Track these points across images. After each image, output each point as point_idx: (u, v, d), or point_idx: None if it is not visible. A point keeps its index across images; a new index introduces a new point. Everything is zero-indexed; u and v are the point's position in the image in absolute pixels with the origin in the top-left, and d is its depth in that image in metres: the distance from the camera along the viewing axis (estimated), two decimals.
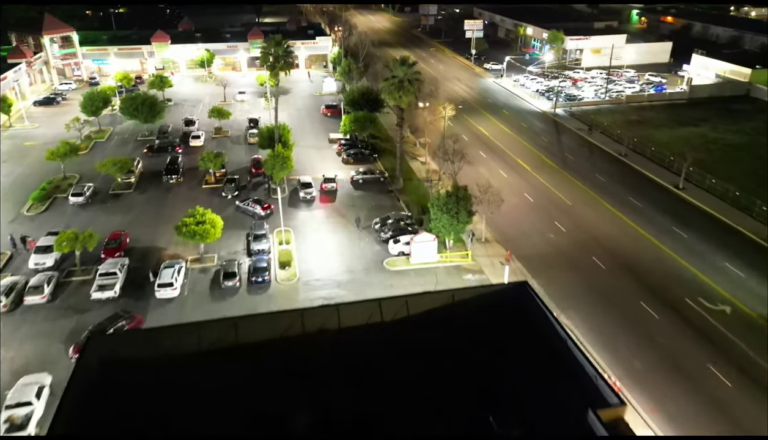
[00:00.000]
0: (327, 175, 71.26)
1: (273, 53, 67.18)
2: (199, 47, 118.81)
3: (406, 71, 63.59)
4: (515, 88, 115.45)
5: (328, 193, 69.33)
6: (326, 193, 69.30)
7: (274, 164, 64.91)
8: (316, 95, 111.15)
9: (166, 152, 77.53)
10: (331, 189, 69.70)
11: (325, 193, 69.21)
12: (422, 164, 78.09)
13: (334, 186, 69.96)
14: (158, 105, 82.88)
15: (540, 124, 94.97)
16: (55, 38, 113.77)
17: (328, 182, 69.94)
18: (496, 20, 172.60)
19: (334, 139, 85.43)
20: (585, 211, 64.66)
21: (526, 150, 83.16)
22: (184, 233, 50.64)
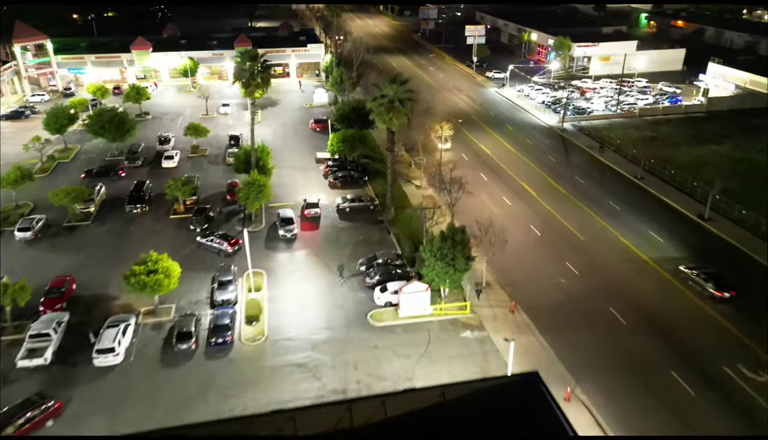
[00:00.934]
0: (309, 200, 64.34)
1: (248, 68, 59.75)
2: (183, 55, 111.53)
3: (397, 90, 56.13)
4: (519, 99, 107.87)
5: (310, 220, 62.58)
6: (308, 220, 62.58)
7: (248, 193, 57.58)
8: (306, 107, 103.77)
9: (106, 176, 69.96)
10: (314, 215, 62.89)
11: (307, 219, 62.51)
12: (417, 188, 70.58)
13: (317, 212, 63.16)
14: (128, 122, 75.52)
15: (546, 140, 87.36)
16: (29, 46, 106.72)
17: (311, 207, 63.16)
18: (499, 25, 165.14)
19: (322, 159, 78.00)
20: (599, 247, 57.05)
21: (531, 172, 75.55)
22: (132, 284, 43.24)
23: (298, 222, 61.01)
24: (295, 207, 64.73)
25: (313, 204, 63.89)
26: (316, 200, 64.87)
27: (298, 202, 65.51)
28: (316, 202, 64.49)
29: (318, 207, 63.74)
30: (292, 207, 64.81)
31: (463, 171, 74.55)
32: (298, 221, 61.15)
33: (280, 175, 73.54)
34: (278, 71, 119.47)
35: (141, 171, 74.10)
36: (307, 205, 63.74)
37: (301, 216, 62.83)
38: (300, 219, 62.35)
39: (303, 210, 63.29)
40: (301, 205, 64.73)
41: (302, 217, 62.69)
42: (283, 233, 57.38)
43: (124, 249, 55.44)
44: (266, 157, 65.45)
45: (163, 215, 62.81)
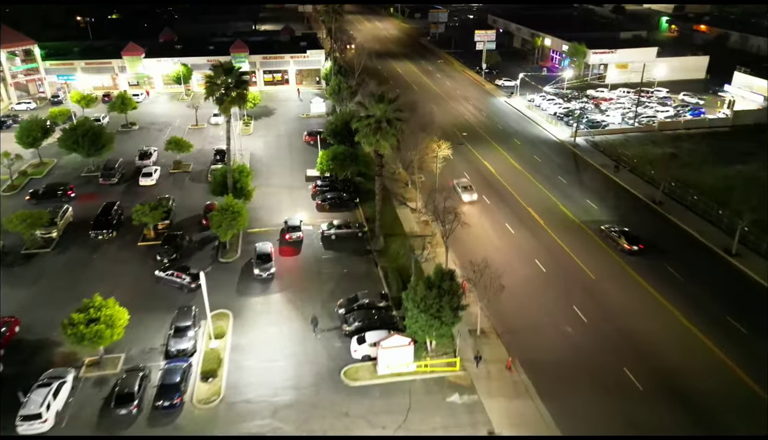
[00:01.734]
0: (291, 222, 59.08)
1: (221, 83, 54.09)
2: (176, 61, 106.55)
3: (385, 109, 50.08)
4: (529, 110, 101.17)
5: (291, 245, 57.47)
6: (289, 245, 57.47)
7: (221, 220, 51.97)
8: (302, 117, 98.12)
9: (54, 197, 64.34)
10: (296, 239, 57.74)
11: (288, 244, 57.47)
12: (412, 212, 64.51)
13: (299, 235, 58.00)
14: (104, 135, 70.36)
15: (557, 157, 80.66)
16: (18, 51, 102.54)
17: (292, 231, 58.03)
18: (512, 29, 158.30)
19: (312, 177, 72.22)
20: (612, 288, 50.44)
21: (539, 194, 69.01)
22: (69, 336, 37.76)
23: (289, 248, 56.48)
24: (277, 232, 59.22)
25: (295, 227, 58.71)
26: (298, 222, 59.60)
27: (282, 226, 60.05)
28: (298, 224, 59.25)
29: (300, 230, 58.59)
30: (272, 233, 59.30)
31: (465, 193, 68.76)
32: (289, 247, 56.32)
33: (266, 194, 68.05)
34: (277, 78, 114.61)
35: (116, 189, 68.96)
36: (288, 228, 58.59)
37: (281, 239, 57.93)
38: (279, 242, 57.43)
39: (284, 233, 58.17)
40: (281, 228, 59.72)
41: (283, 240, 57.91)
42: (258, 272, 51.01)
43: (81, 283, 50.14)
44: (245, 179, 59.80)
45: (131, 242, 57.41)
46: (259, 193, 68.02)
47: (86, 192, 67.59)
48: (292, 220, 59.71)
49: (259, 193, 67.89)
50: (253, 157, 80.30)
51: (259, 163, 78.22)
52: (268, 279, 50.92)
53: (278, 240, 58.27)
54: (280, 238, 58.52)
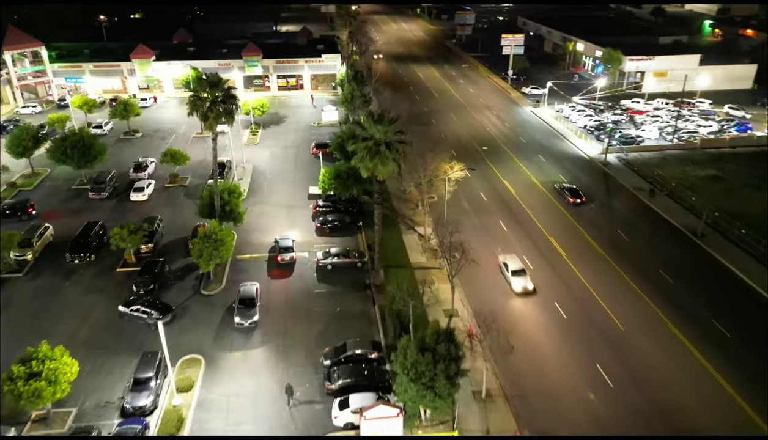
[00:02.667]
0: (282, 242, 54.90)
1: (207, 97, 48.84)
2: (186, 65, 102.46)
3: (385, 131, 44.07)
4: (557, 122, 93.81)
5: (283, 268, 53.10)
6: (280, 268, 53.14)
7: (201, 249, 46.84)
8: (313, 126, 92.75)
9: (14, 216, 59.84)
10: (289, 261, 53.34)
11: (279, 266, 53.26)
12: (420, 238, 58.38)
13: (292, 257, 53.58)
14: (96, 146, 66.11)
15: (585, 177, 73.33)
16: (26, 53, 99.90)
17: (285, 252, 53.78)
18: (542, 32, 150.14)
19: (315, 195, 66.70)
20: (644, 344, 43.45)
21: (563, 221, 62.08)
22: (6, 393, 32.95)
23: (280, 271, 52.14)
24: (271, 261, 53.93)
25: (287, 247, 54.18)
26: (290, 242, 55.04)
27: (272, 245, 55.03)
28: (290, 244, 54.67)
29: (293, 250, 54.09)
30: (264, 261, 53.99)
31: (479, 215, 62.46)
32: (280, 270, 51.88)
33: (262, 213, 62.89)
34: (291, 83, 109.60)
35: (106, 204, 64.65)
36: (280, 249, 54.10)
37: (274, 261, 53.77)
38: (268, 264, 53.61)
39: (277, 255, 53.79)
40: (272, 246, 55.97)
41: (274, 262, 53.67)
42: (239, 321, 44.62)
43: (47, 316, 45.70)
44: (236, 200, 54.57)
45: (110, 267, 52.74)
46: (255, 212, 63.07)
47: (67, 207, 63.43)
48: (283, 240, 55.31)
49: (254, 212, 62.95)
50: (255, 170, 75.26)
51: (261, 177, 73.14)
52: (250, 328, 44.70)
53: (267, 261, 53.71)
54: (268, 259, 53.85)
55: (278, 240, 56.01)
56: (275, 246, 55.68)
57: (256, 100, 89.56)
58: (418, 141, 76.10)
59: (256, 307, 45.15)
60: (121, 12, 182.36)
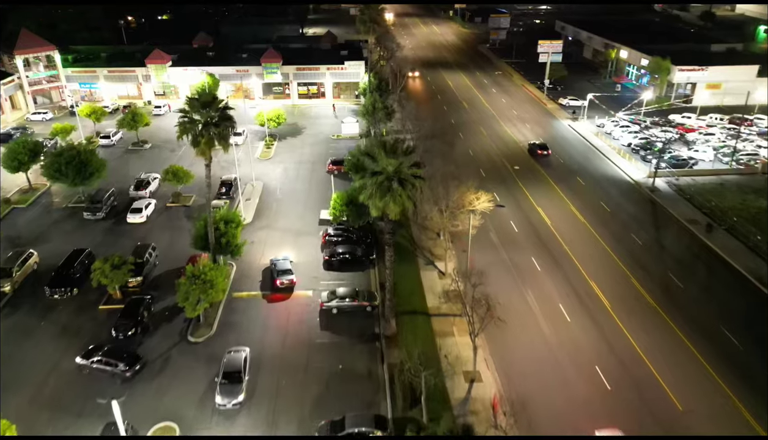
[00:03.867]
0: (281, 264, 50.74)
1: (200, 118, 42.98)
2: (202, 71, 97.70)
3: (398, 165, 37.41)
4: (597, 138, 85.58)
5: (281, 291, 49.11)
6: (278, 291, 49.12)
7: (188, 291, 41.08)
8: (332, 139, 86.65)
9: None
10: (288, 284, 49.10)
11: (278, 290, 49.15)
12: (441, 277, 51.54)
13: (291, 280, 49.35)
14: (93, 162, 61.24)
15: (630, 206, 65.26)
16: (40, 57, 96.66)
17: (283, 275, 49.47)
18: (582, 37, 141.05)
19: (327, 220, 60.49)
20: (711, 432, 35.72)
21: (606, 260, 54.34)
22: None
23: (279, 295, 47.59)
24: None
25: (286, 270, 49.75)
26: (288, 264, 51.10)
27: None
28: (288, 267, 50.51)
29: (291, 273, 49.79)
30: (258, 298, 48.04)
31: (509, 250, 55.21)
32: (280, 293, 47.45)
33: (267, 241, 57.06)
34: (312, 91, 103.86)
35: (100, 227, 59.70)
36: (278, 272, 49.70)
37: (272, 286, 49.30)
38: (261, 285, 49.77)
39: (274, 279, 49.38)
40: (266, 267, 52.11)
41: (272, 287, 49.29)
42: (220, 401, 36.74)
43: (12, 365, 40.52)
44: (233, 231, 48.67)
45: (93, 303, 47.45)
46: (259, 238, 57.46)
47: (60, 228, 58.72)
48: (280, 262, 50.86)
49: (258, 238, 57.36)
50: (265, 189, 69.51)
51: (270, 197, 67.35)
52: (235, 405, 37.14)
53: (260, 282, 48.76)
54: (271, 287, 49.06)
55: (275, 261, 51.42)
56: (272, 268, 51.05)
57: (273, 111, 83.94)
58: (443, 161, 69.65)
59: (243, 384, 37.89)
60: (148, 14, 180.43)
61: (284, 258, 52.46)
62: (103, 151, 79.91)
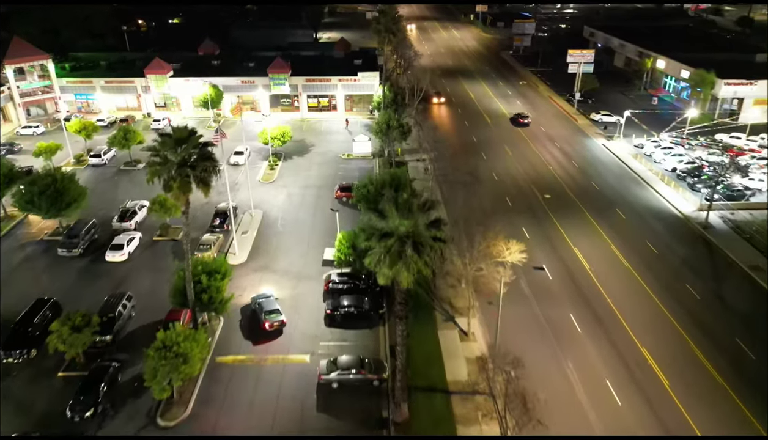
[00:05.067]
0: (267, 304, 45.10)
1: (173, 159, 35.45)
2: (206, 82, 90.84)
3: (414, 225, 29.64)
4: (636, 161, 76.93)
5: (269, 336, 43.59)
6: (267, 336, 43.63)
7: (156, 368, 33.80)
8: (342, 158, 79.14)
9: None
10: (279, 326, 44.04)
11: (266, 335, 43.62)
12: (464, 338, 43.70)
13: (281, 320, 44.13)
14: (72, 190, 54.47)
15: (680, 246, 56.68)
16: (34, 65, 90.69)
17: (272, 315, 44.20)
18: (613, 44, 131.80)
19: (331, 262, 52.86)
20: None
21: (658, 318, 45.95)
22: None
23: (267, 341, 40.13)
24: (260, 368, 40.42)
25: (274, 310, 44.49)
26: (275, 301, 45.66)
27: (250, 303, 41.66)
28: (277, 307, 44.79)
29: (280, 312, 44.18)
30: (253, 365, 40.60)
31: (542, 303, 47.19)
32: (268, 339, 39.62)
33: (262, 286, 49.47)
34: (323, 103, 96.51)
35: (75, 266, 52.79)
36: (265, 313, 43.94)
37: (260, 328, 43.77)
38: (242, 327, 44.27)
39: (262, 323, 43.53)
40: (251, 304, 46.40)
41: (260, 329, 43.71)
42: None
43: None
44: (217, 284, 41.25)
45: (54, 367, 40.41)
46: (253, 281, 50.15)
47: (31, 266, 52.03)
48: (266, 301, 45.22)
49: (251, 282, 50.02)
50: (265, 219, 62.23)
51: (270, 229, 60.05)
52: None
53: (241, 322, 41.75)
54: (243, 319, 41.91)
55: (258, 299, 45.69)
56: (254, 307, 45.37)
57: (277, 128, 76.66)
58: (464, 190, 61.82)
59: None
60: (158, 17, 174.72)
61: (269, 295, 46.66)
62: (92, 171, 73.89)
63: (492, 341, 42.25)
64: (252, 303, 46.49)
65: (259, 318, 44.25)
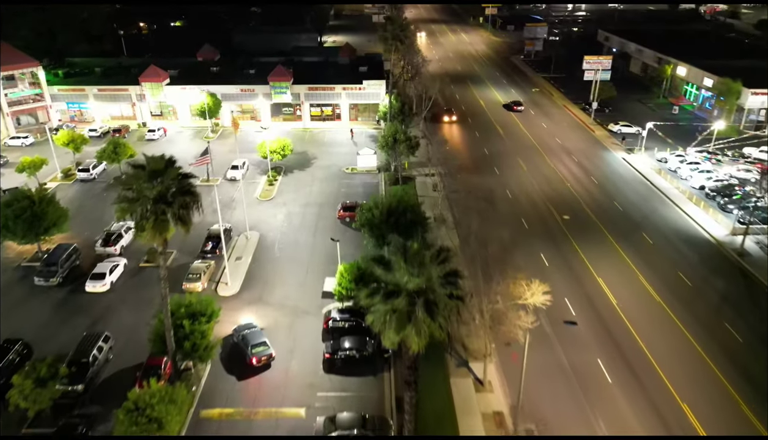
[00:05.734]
0: (252, 337, 41.26)
1: (147, 195, 30.67)
2: (203, 90, 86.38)
3: (427, 280, 24.90)
4: (659, 177, 71.88)
5: (255, 371, 39.74)
6: (253, 372, 39.86)
7: (125, 433, 29.18)
8: (346, 172, 74.49)
9: None
10: (267, 360, 40.25)
11: (254, 370, 40.04)
12: (479, 388, 38.87)
13: (270, 354, 40.32)
14: (51, 213, 50.06)
15: (718, 279, 51.52)
16: (25, 73, 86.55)
17: (257, 349, 40.34)
18: (630, 49, 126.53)
19: (331, 294, 48.08)
20: None
21: (699, 367, 40.89)
22: None
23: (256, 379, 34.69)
24: (251, 424, 35.73)
25: (260, 343, 40.63)
26: (260, 333, 41.90)
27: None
28: (263, 339, 40.99)
29: (267, 345, 40.71)
30: (243, 420, 35.88)
31: (568, 347, 42.20)
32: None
33: (254, 313, 44.75)
34: (326, 112, 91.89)
35: (52, 297, 48.26)
36: (251, 348, 39.94)
37: (248, 363, 39.88)
38: (224, 366, 39.69)
39: (250, 358, 39.57)
40: (233, 336, 42.53)
41: (247, 364, 39.86)
42: None
43: None
44: (203, 330, 36.54)
45: (18, 422, 35.89)
46: (244, 314, 45.23)
47: (5, 298, 47.50)
48: (251, 333, 41.34)
49: (242, 315, 45.13)
50: (262, 242, 57.59)
51: (266, 254, 55.39)
52: None
53: (221, 354, 35.67)
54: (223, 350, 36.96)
55: (241, 331, 41.78)
56: (237, 339, 41.57)
57: (277, 141, 72.06)
58: (477, 215, 56.85)
59: None
60: (160, 20, 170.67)
61: (253, 325, 42.75)
62: (79, 186, 69.58)
63: (511, 391, 37.47)
64: (234, 335, 42.43)
65: (245, 352, 40.18)
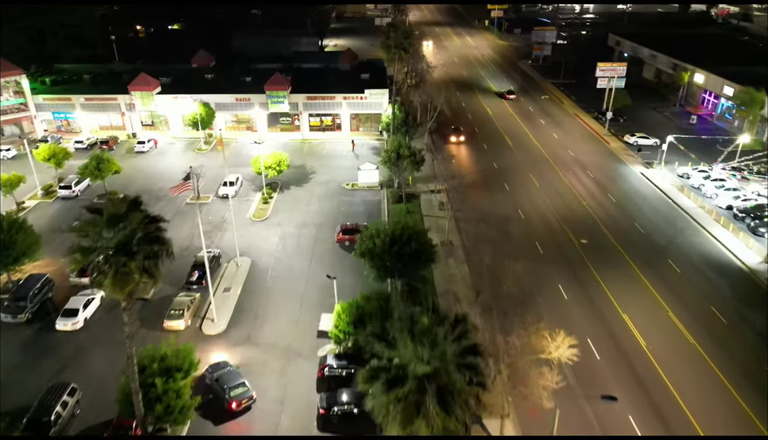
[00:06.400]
0: (228, 378, 37.28)
1: (99, 246, 25.84)
2: (196, 99, 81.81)
3: (441, 356, 20.18)
4: (683, 196, 66.97)
5: (235, 416, 35.91)
6: (232, 417, 36.00)
7: None
8: (346, 188, 69.81)
9: None
10: (247, 404, 36.59)
11: (233, 415, 36.06)
12: None
13: (251, 396, 36.82)
14: (21, 241, 45.53)
15: (754, 313, 46.59)
16: (9, 81, 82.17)
17: (236, 391, 36.39)
18: (643, 55, 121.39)
19: (327, 333, 43.24)
20: None
21: (741, 422, 36.08)
22: None
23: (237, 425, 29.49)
24: None
25: (239, 385, 36.61)
26: (238, 374, 37.72)
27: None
28: (242, 379, 36.88)
29: (246, 386, 36.74)
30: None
31: (590, 392, 37.29)
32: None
33: (243, 368, 39.98)
34: (326, 122, 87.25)
35: (19, 336, 43.63)
36: (229, 390, 35.96)
37: (224, 411, 35.72)
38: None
39: (227, 403, 35.44)
40: (206, 377, 38.24)
41: (225, 412, 35.68)
42: None
43: None
44: (178, 389, 31.78)
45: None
46: (230, 359, 40.38)
47: None
48: (226, 373, 37.40)
49: (232, 361, 40.29)
50: (253, 270, 52.91)
51: (258, 284, 50.71)
52: None
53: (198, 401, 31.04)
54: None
55: (215, 372, 37.57)
56: (210, 382, 37.30)
57: (273, 155, 67.37)
58: (488, 243, 52.13)
59: None
60: (157, 23, 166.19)
61: (228, 365, 38.58)
62: (61, 204, 65.13)
63: None
64: (207, 376, 37.97)
65: (221, 396, 35.96)
